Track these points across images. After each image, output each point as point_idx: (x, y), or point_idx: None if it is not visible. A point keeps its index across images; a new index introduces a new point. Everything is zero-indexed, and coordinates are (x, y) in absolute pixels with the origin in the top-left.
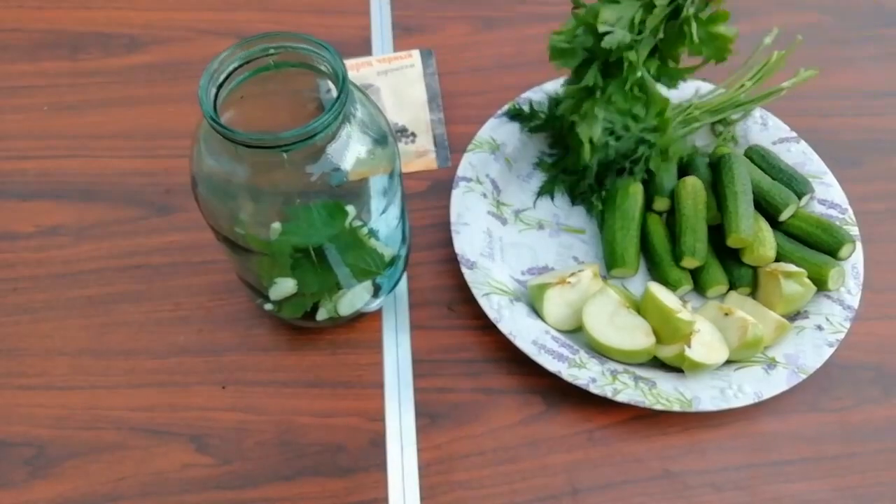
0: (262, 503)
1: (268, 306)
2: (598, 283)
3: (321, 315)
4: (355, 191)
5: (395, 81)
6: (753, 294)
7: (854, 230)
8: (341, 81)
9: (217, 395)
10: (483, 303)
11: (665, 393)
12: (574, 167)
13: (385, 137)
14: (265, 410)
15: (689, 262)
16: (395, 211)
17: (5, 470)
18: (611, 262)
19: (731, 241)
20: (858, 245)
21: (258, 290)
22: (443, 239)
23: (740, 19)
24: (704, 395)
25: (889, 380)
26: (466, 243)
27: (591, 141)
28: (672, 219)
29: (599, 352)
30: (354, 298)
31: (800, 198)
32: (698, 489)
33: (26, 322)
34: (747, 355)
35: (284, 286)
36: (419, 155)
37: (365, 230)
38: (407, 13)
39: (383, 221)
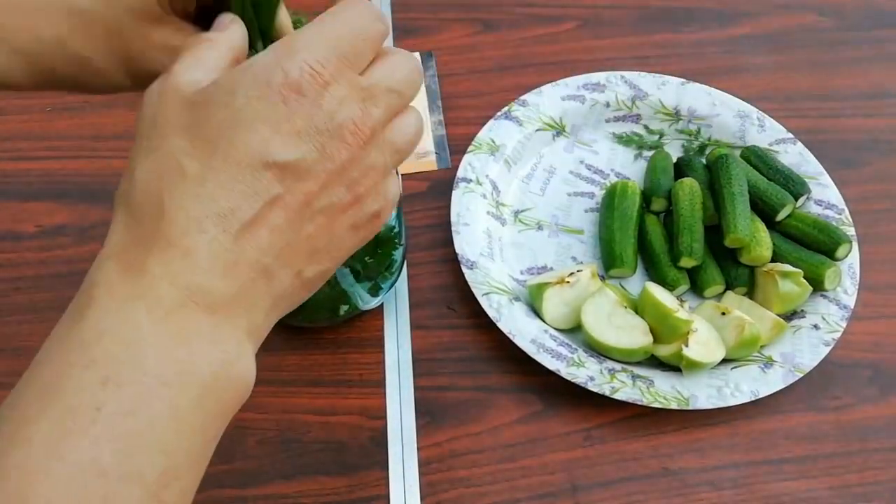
0: (263, 501)
1: None
2: (597, 283)
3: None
4: None
5: None
6: (750, 294)
7: (850, 230)
8: None
9: None
10: (483, 302)
11: (663, 391)
12: None
13: None
14: (267, 409)
15: (687, 263)
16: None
17: None
18: (609, 263)
19: (729, 242)
20: (855, 245)
21: None
22: (443, 239)
23: (740, 20)
24: (702, 393)
25: (886, 379)
26: (466, 243)
27: None
28: (669, 219)
29: (598, 351)
30: (354, 298)
31: (796, 198)
32: (696, 487)
33: (29, 322)
34: (744, 354)
35: None
36: (420, 156)
37: None
38: (407, 15)
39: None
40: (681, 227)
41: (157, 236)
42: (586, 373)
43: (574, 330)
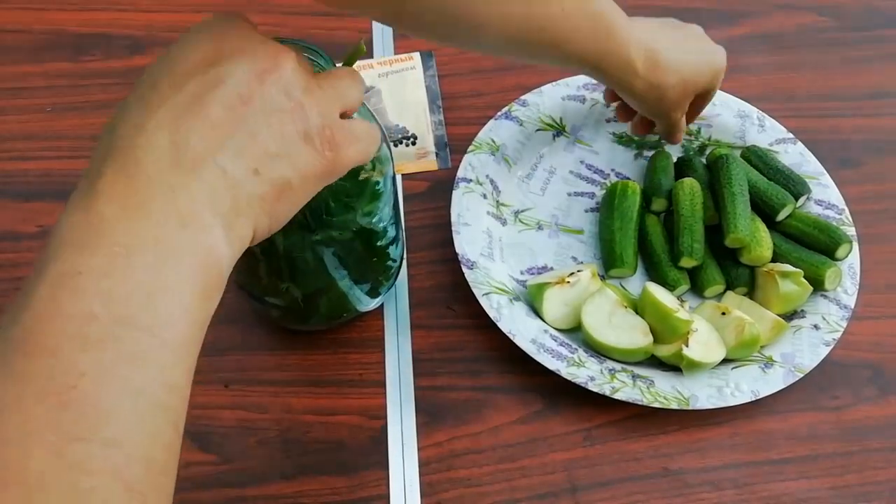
0: (263, 501)
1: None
2: (597, 283)
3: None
4: None
5: (395, 83)
6: (751, 294)
7: (851, 230)
8: None
9: (220, 393)
10: (483, 302)
11: (663, 391)
12: None
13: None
14: (267, 409)
15: (687, 263)
16: (387, 213)
17: None
18: (609, 263)
19: (729, 242)
20: (855, 245)
21: (255, 295)
22: (443, 239)
23: (740, 20)
24: (702, 393)
25: (886, 379)
26: (466, 243)
27: None
28: (670, 219)
29: (598, 351)
30: (352, 301)
31: (797, 198)
32: (696, 487)
33: None
34: (744, 354)
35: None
36: (420, 156)
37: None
38: None
39: (377, 223)
40: (681, 227)
41: (111, 147)
42: (586, 373)
43: (574, 330)
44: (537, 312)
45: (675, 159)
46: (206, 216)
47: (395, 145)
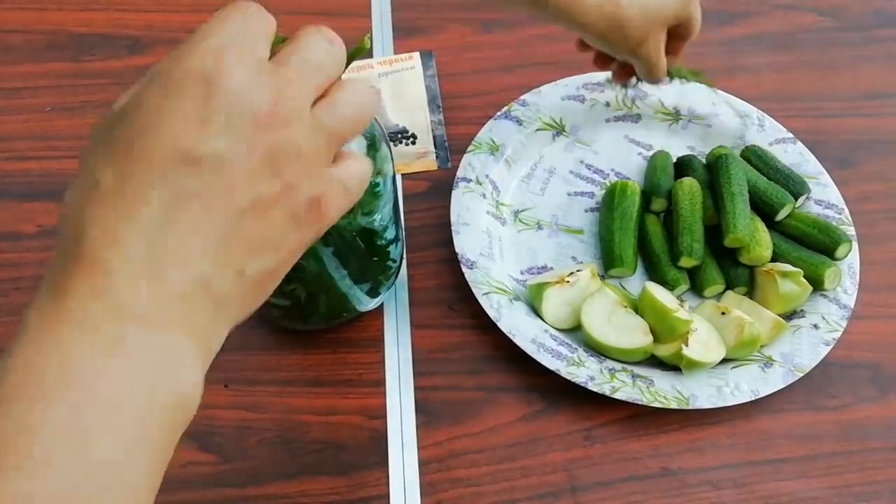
0: (263, 501)
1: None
2: (597, 283)
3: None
4: None
5: (395, 83)
6: (750, 294)
7: (850, 230)
8: None
9: (219, 393)
10: (483, 302)
11: (662, 391)
12: None
13: (378, 141)
14: (267, 409)
15: (687, 262)
16: (387, 213)
17: None
18: (609, 262)
19: (729, 241)
20: (854, 245)
21: None
22: (443, 239)
23: (740, 20)
24: (701, 393)
25: (885, 378)
26: (466, 243)
27: None
28: (670, 219)
29: (597, 350)
30: (352, 301)
31: (796, 198)
32: (696, 487)
33: None
34: (744, 354)
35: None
36: (420, 156)
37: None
38: (407, 15)
39: (376, 223)
40: (681, 226)
41: (79, 255)
42: (586, 372)
43: (574, 329)
44: (537, 312)
45: (674, 159)
46: (185, 346)
47: (395, 145)
